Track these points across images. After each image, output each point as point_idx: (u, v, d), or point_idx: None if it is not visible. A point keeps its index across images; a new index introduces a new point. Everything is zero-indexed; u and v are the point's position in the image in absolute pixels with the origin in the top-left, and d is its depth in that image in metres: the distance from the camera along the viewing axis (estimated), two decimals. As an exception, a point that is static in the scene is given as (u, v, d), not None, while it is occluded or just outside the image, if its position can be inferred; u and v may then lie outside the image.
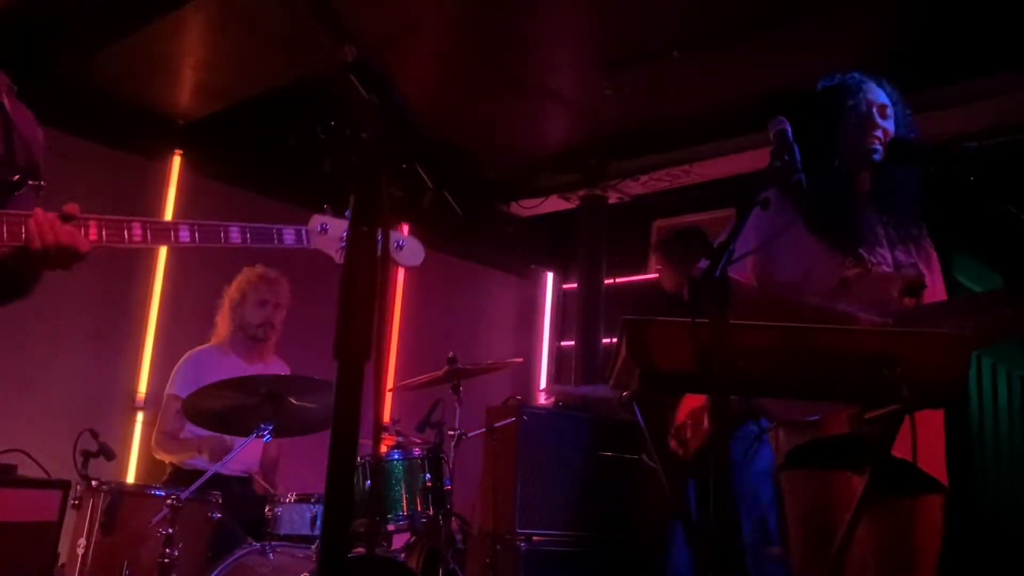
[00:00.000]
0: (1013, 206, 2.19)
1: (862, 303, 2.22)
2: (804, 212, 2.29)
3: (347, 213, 2.01)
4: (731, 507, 1.65)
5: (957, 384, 1.79)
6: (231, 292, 4.11)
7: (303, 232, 2.18)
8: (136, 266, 5.11)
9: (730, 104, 5.13)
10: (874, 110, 2.41)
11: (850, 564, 2.06)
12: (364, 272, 1.09)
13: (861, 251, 2.32)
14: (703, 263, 1.76)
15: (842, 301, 2.23)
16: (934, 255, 2.46)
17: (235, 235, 2.11)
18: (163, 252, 5.17)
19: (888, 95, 2.47)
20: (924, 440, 1.86)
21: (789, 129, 1.99)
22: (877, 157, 2.37)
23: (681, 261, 4.37)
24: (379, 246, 1.08)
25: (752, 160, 5.42)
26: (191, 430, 3.75)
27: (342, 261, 1.94)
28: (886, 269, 2.32)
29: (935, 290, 2.40)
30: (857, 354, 1.74)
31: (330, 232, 2.20)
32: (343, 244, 2.15)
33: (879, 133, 2.40)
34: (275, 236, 2.14)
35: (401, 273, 6.38)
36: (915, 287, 2.24)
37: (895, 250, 2.37)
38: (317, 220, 2.20)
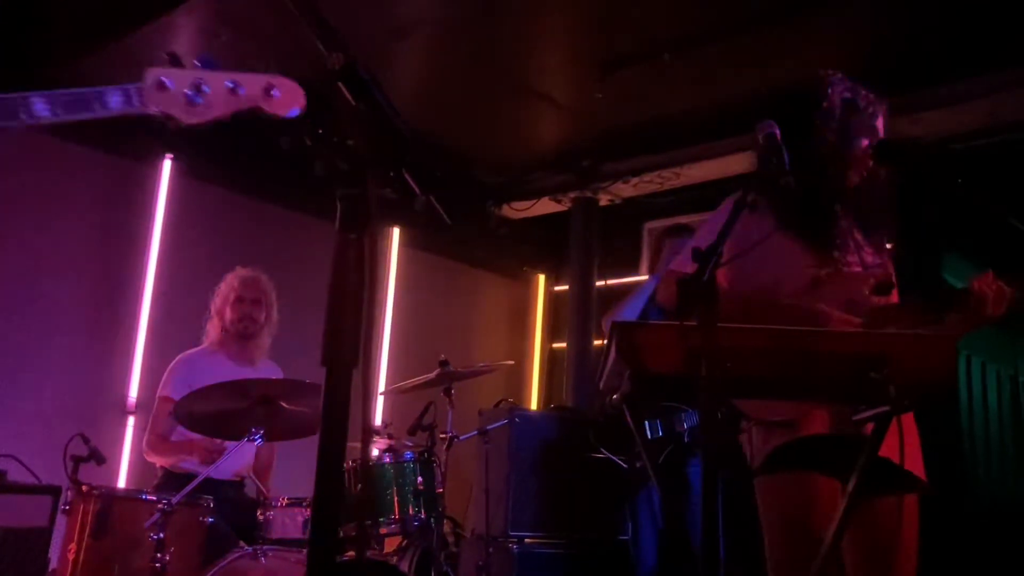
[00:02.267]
0: (1001, 206, 2.20)
1: (833, 302, 2.23)
2: (783, 214, 2.30)
3: (196, 61, 1.79)
4: (715, 513, 1.64)
5: (945, 384, 1.80)
6: (215, 300, 4.14)
7: (132, 92, 1.76)
8: (127, 270, 5.10)
9: (720, 107, 5.15)
10: (877, 122, 2.41)
11: (830, 564, 2.07)
12: (352, 278, 1.10)
13: (835, 252, 2.33)
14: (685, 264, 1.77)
15: (814, 300, 2.25)
16: (890, 261, 2.48)
17: (40, 107, 1.69)
18: (154, 256, 5.16)
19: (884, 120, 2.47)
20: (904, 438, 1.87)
21: (778, 132, 2.00)
22: (873, 162, 2.38)
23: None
24: (367, 252, 1.08)
25: (742, 163, 5.44)
26: (182, 433, 3.75)
27: (190, 120, 1.69)
28: (856, 269, 2.34)
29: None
30: (845, 355, 1.75)
31: (172, 88, 1.76)
32: (190, 99, 1.74)
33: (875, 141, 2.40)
34: (95, 102, 1.73)
35: (393, 275, 6.39)
36: (884, 287, 2.26)
37: (862, 251, 2.39)
38: (153, 74, 1.77)
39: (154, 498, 3.14)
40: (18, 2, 4.48)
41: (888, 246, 2.47)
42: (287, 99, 1.71)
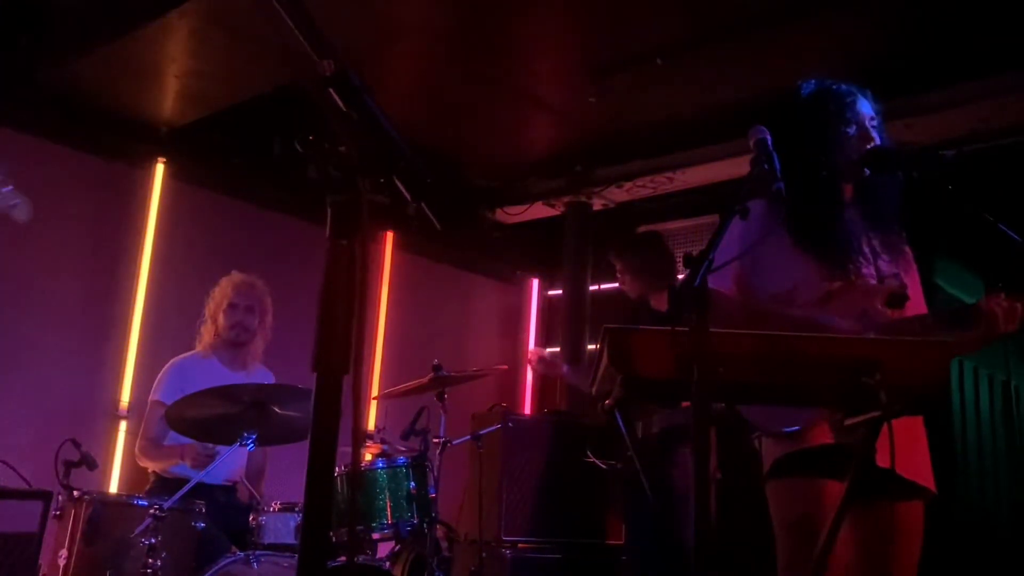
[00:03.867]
0: (991, 212, 2.21)
1: (847, 315, 2.23)
2: (788, 222, 2.30)
3: None
4: (707, 516, 1.65)
5: (938, 390, 1.80)
6: (209, 302, 4.13)
7: None
8: (119, 274, 5.09)
9: (713, 111, 5.16)
10: (867, 124, 2.41)
11: (831, 569, 2.07)
12: (343, 284, 1.10)
13: (848, 264, 2.32)
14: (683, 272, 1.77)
15: (827, 313, 2.25)
16: (913, 263, 2.48)
17: None
18: (146, 260, 5.15)
19: (873, 108, 2.47)
20: (904, 444, 1.87)
21: (769, 138, 2.00)
22: (867, 170, 2.37)
23: (641, 269, 4.34)
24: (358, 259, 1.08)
25: (735, 167, 5.46)
26: (174, 437, 3.74)
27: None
28: (871, 281, 2.33)
29: (915, 298, 2.42)
30: (837, 361, 1.75)
31: None
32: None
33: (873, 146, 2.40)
34: None
35: (386, 280, 6.39)
36: (898, 298, 2.25)
37: (878, 260, 2.38)
38: None
39: (146, 503, 3.13)
40: (15, 4, 4.48)
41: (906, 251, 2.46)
42: (24, 211, 2.39)
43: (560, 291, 6.81)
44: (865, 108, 2.42)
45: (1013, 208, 2.28)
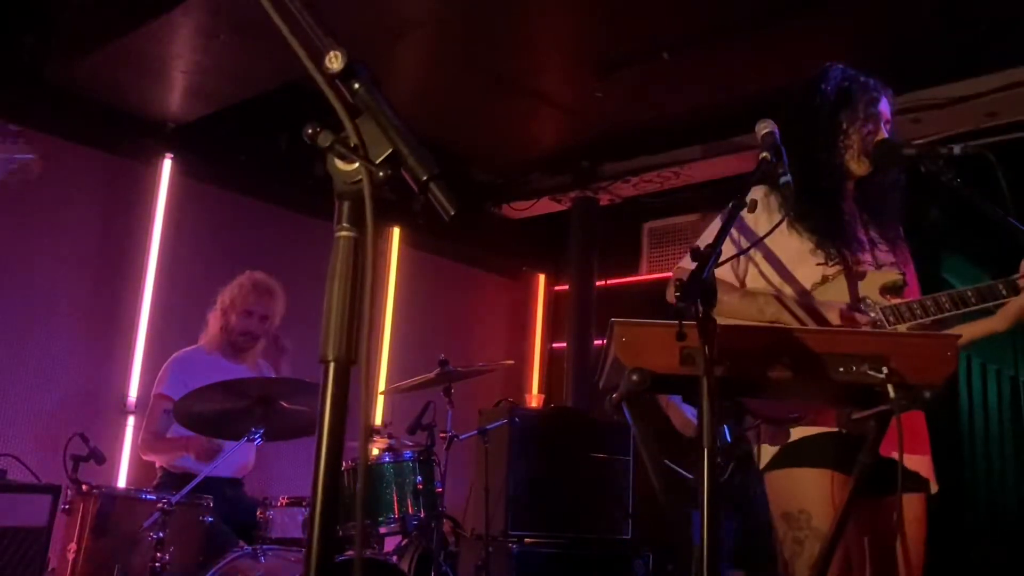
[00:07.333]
0: (999, 206, 2.20)
1: (843, 301, 2.23)
2: (787, 210, 2.29)
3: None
4: (717, 514, 1.64)
5: (945, 384, 1.80)
6: (224, 294, 4.10)
7: None
8: (126, 270, 5.10)
9: (720, 106, 5.15)
10: (883, 125, 2.41)
11: (835, 563, 2.06)
12: (350, 274, 1.10)
13: (844, 251, 2.32)
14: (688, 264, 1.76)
15: (823, 299, 2.25)
16: (910, 258, 2.48)
17: None
18: (154, 256, 5.16)
19: (891, 109, 2.47)
20: (907, 438, 1.87)
21: (777, 131, 2.00)
22: (875, 164, 2.37)
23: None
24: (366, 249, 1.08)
25: (742, 162, 5.45)
26: (177, 430, 3.74)
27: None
28: (868, 267, 2.33)
29: (912, 291, 2.42)
30: (844, 355, 1.75)
31: None
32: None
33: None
34: None
35: (393, 275, 6.40)
36: (895, 285, 2.25)
37: (875, 249, 2.38)
38: None
39: (154, 497, 3.14)
40: (18, 2, 4.49)
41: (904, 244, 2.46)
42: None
43: (566, 286, 6.81)
44: (884, 108, 2.42)
45: (1022, 202, 2.27)
